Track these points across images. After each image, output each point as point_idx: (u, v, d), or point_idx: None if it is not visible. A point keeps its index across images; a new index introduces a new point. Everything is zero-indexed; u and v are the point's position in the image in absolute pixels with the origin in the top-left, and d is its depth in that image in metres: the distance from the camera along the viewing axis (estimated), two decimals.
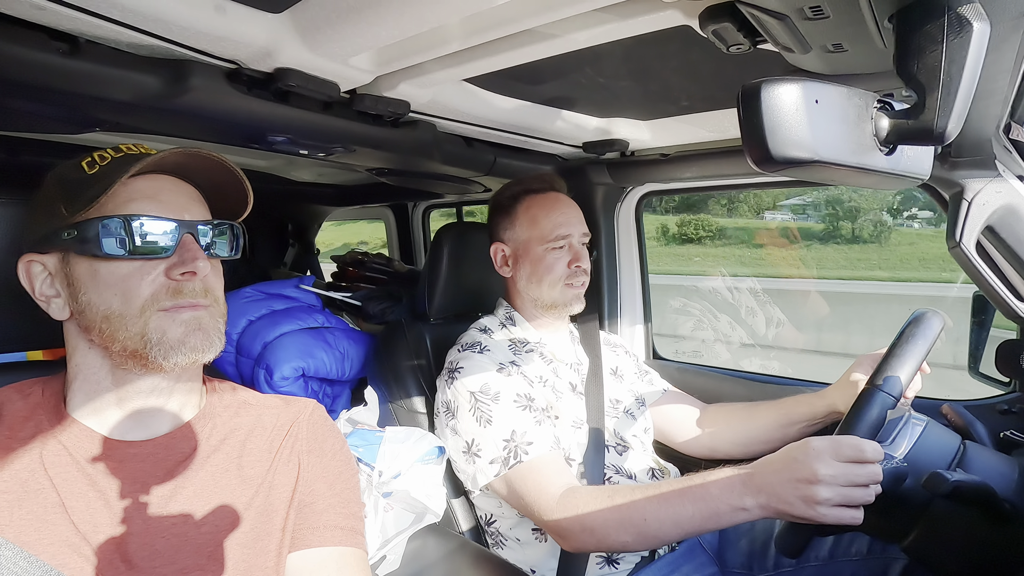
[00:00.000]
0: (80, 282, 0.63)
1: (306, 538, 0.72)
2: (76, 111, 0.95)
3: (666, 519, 0.87)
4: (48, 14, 0.68)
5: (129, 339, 0.63)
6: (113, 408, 0.67)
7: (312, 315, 1.53)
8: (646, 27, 0.74)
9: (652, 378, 1.42)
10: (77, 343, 0.67)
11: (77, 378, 0.67)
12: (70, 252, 0.64)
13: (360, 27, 0.75)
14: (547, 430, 1.09)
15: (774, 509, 0.80)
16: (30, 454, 0.62)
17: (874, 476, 0.76)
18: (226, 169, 0.68)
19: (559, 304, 1.25)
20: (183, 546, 0.64)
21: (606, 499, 0.93)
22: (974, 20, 0.51)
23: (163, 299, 0.64)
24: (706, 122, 1.21)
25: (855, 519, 0.75)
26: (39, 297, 0.66)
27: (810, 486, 0.76)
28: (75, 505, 0.61)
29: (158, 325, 0.63)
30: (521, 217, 1.26)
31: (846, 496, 0.75)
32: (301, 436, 0.77)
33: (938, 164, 0.87)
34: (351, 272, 2.12)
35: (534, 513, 1.01)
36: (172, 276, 0.64)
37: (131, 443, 0.66)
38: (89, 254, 0.63)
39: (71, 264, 0.64)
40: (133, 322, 0.63)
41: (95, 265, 0.63)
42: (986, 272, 0.85)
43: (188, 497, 0.66)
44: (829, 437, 0.79)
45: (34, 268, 0.66)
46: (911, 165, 0.61)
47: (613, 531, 0.91)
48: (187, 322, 0.65)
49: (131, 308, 0.63)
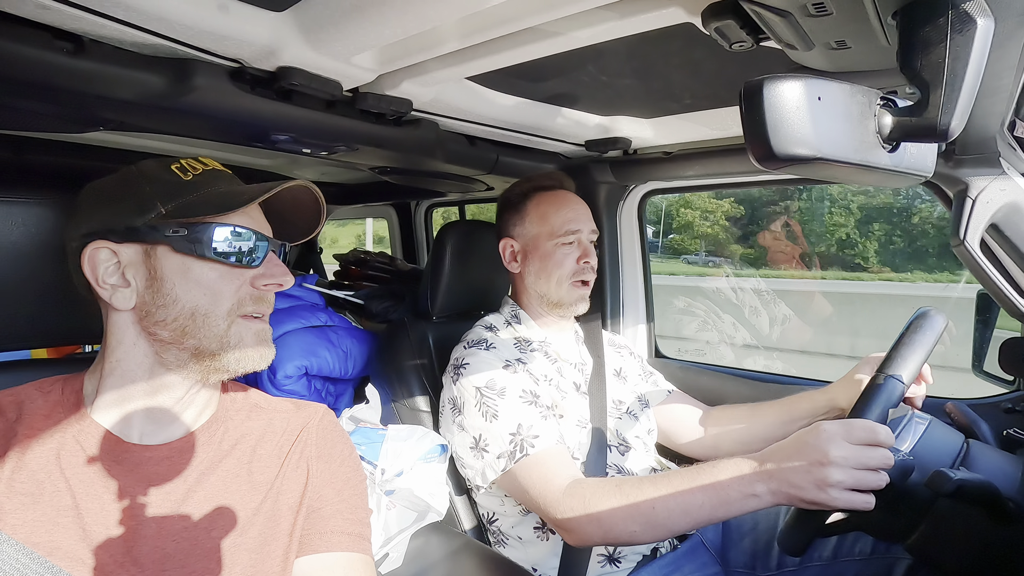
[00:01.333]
0: (167, 276, 0.66)
1: (313, 543, 0.73)
2: (80, 110, 0.95)
3: (675, 507, 0.86)
4: (52, 13, 0.68)
5: (208, 339, 0.67)
6: (136, 411, 0.68)
7: (315, 314, 1.53)
8: (649, 24, 0.74)
9: (656, 379, 1.42)
10: (124, 335, 0.68)
11: (114, 373, 0.68)
12: (162, 246, 0.66)
13: (363, 26, 0.75)
14: (552, 425, 1.09)
15: (785, 494, 0.79)
16: (48, 454, 0.63)
17: (886, 460, 0.75)
18: (310, 197, 0.75)
19: (565, 303, 1.25)
20: (193, 550, 0.65)
21: (613, 488, 0.92)
22: (978, 16, 0.50)
23: (247, 304, 0.70)
24: (709, 120, 1.21)
25: (867, 504, 0.74)
26: (101, 284, 0.66)
27: (822, 468, 0.75)
28: (89, 507, 0.62)
29: (238, 332, 0.69)
30: (531, 213, 1.27)
31: (858, 479, 0.74)
32: (311, 442, 0.78)
33: (942, 162, 0.86)
34: (354, 271, 2.12)
35: (540, 506, 1.00)
36: (257, 285, 0.71)
37: (147, 447, 0.67)
38: (195, 253, 0.66)
39: (159, 258, 0.66)
40: (217, 323, 0.67)
41: (190, 263, 0.67)
42: (990, 270, 0.85)
43: (199, 502, 0.67)
44: (841, 420, 0.79)
45: (101, 255, 0.66)
46: (914, 162, 0.61)
47: (620, 520, 0.90)
48: (259, 333, 0.71)
49: (219, 308, 0.67)
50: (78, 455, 0.64)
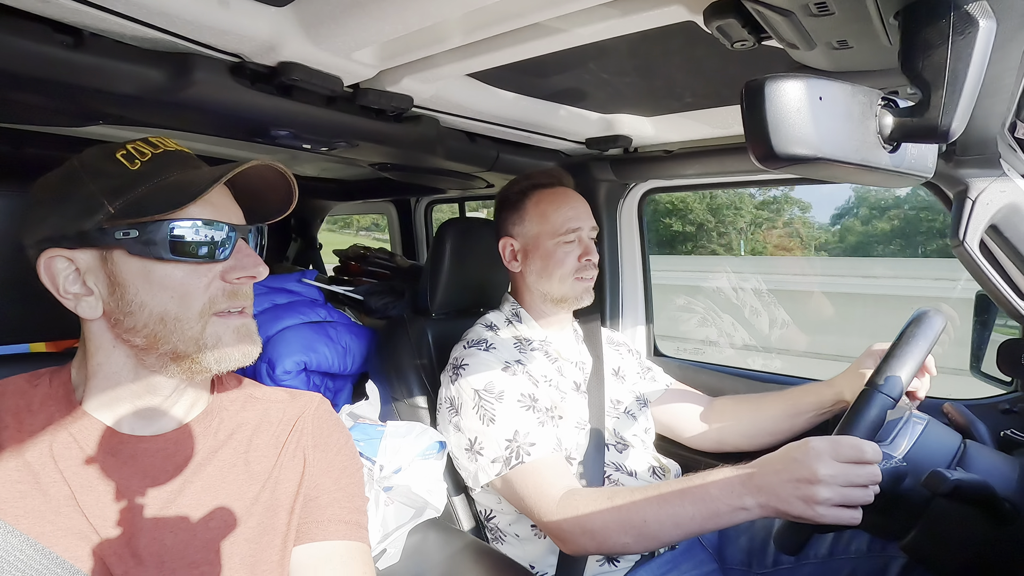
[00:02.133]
0: (128, 282, 0.62)
1: (311, 532, 0.73)
2: (80, 104, 0.95)
3: (666, 520, 0.87)
4: (52, 7, 0.68)
5: (183, 342, 0.63)
6: (127, 404, 0.67)
7: (314, 309, 1.53)
8: (651, 23, 0.74)
9: (655, 375, 1.42)
10: (101, 342, 0.65)
11: (96, 376, 0.66)
12: (118, 250, 0.61)
13: (364, 22, 0.75)
14: (550, 431, 1.09)
15: (773, 508, 0.80)
16: (40, 446, 0.62)
17: (873, 477, 0.76)
18: (276, 175, 0.68)
19: (569, 297, 1.25)
20: (191, 541, 0.64)
21: (606, 501, 0.93)
22: (980, 17, 0.50)
23: (220, 302, 0.65)
24: (710, 118, 1.20)
25: (854, 519, 0.75)
26: (63, 295, 0.62)
27: (810, 486, 0.76)
28: (85, 499, 0.61)
29: (215, 331, 0.64)
30: (531, 212, 1.26)
31: (845, 496, 0.75)
32: (307, 431, 0.78)
33: (942, 162, 0.86)
34: (353, 267, 2.12)
35: (534, 514, 1.01)
36: (228, 279, 0.65)
37: (142, 438, 0.66)
38: (152, 256, 0.61)
39: (116, 262, 0.62)
40: (190, 325, 0.63)
41: (150, 266, 0.61)
42: (989, 271, 0.85)
43: (196, 492, 0.67)
44: (829, 437, 0.79)
45: (58, 264, 0.62)
46: (915, 163, 0.61)
47: (613, 533, 0.91)
48: (238, 329, 0.66)
49: (190, 311, 0.63)
50: (72, 447, 0.63)
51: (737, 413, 1.28)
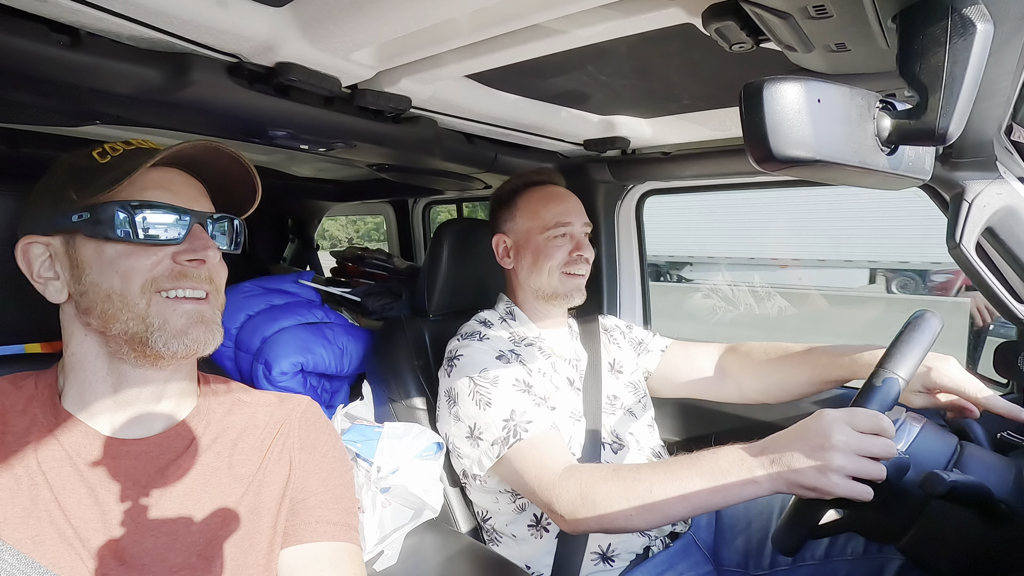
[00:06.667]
0: (85, 264, 0.64)
1: (299, 534, 0.73)
2: (76, 104, 0.94)
3: (673, 491, 0.85)
4: (49, 6, 0.68)
5: (131, 320, 0.64)
6: (108, 403, 0.67)
7: (311, 310, 1.53)
8: (649, 25, 0.74)
9: (648, 344, 1.40)
10: (73, 329, 0.67)
11: (73, 368, 0.67)
12: (78, 234, 0.65)
13: (362, 22, 0.75)
14: (546, 412, 1.09)
15: (785, 479, 0.78)
16: (25, 449, 0.62)
17: (888, 449, 0.75)
18: (238, 165, 0.71)
19: (560, 294, 1.25)
20: (173, 544, 0.64)
21: (611, 471, 0.92)
22: (978, 21, 0.50)
23: (163, 281, 0.65)
24: (708, 120, 1.21)
25: (865, 494, 0.74)
26: (36, 279, 0.66)
27: (824, 452, 0.75)
28: (68, 502, 0.61)
29: (159, 311, 0.65)
30: (522, 208, 1.28)
31: (859, 466, 0.74)
32: (293, 434, 0.77)
33: (939, 165, 0.87)
34: (350, 268, 2.12)
35: (535, 490, 0.99)
36: (179, 261, 0.66)
37: (126, 441, 0.67)
38: (101, 236, 0.64)
39: (77, 246, 0.65)
40: (135, 301, 0.64)
41: (102, 247, 0.64)
42: (985, 273, 0.85)
43: (179, 495, 0.67)
44: (844, 408, 0.79)
45: (34, 250, 0.66)
46: (912, 166, 0.61)
47: (617, 502, 0.88)
48: (189, 313, 0.66)
49: (131, 287, 0.64)
50: (55, 450, 0.63)
51: (759, 370, 1.24)
